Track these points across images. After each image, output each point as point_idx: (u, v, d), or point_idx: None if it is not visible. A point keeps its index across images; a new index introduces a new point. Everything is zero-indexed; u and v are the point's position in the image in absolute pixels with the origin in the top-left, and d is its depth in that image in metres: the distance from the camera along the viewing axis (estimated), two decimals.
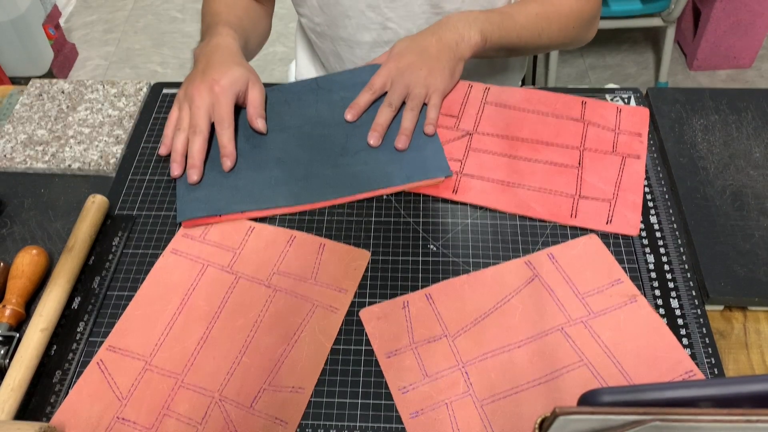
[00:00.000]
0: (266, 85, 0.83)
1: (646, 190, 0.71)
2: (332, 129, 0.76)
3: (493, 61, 0.94)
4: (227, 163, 0.71)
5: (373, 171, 0.71)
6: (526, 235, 0.67)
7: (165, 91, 0.84)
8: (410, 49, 0.77)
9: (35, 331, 0.58)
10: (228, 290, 0.64)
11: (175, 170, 0.71)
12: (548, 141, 0.75)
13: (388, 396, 0.57)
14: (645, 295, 0.62)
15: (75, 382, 0.58)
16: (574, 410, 0.34)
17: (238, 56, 0.75)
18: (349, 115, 0.76)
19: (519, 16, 0.81)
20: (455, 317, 0.61)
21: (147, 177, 0.74)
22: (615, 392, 0.37)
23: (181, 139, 0.72)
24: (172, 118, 0.74)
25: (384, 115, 0.75)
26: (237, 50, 0.77)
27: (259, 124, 0.73)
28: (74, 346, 0.61)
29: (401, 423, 0.55)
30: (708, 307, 0.62)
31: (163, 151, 0.74)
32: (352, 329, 0.61)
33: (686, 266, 0.64)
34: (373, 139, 0.73)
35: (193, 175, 0.70)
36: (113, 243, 0.68)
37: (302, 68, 1.04)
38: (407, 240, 0.67)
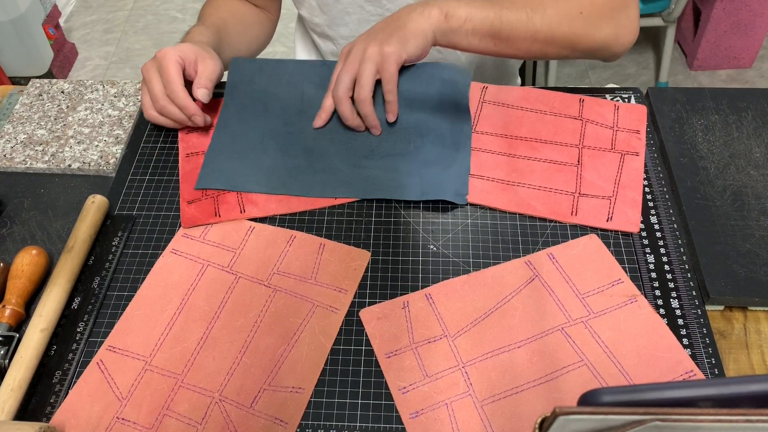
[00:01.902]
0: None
1: (647, 190, 0.71)
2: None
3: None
4: (197, 120, 0.74)
5: (391, 179, 0.71)
6: (526, 235, 0.67)
7: None
8: (361, 36, 0.73)
9: (35, 331, 0.58)
10: (228, 290, 0.64)
11: (197, 120, 0.74)
12: (547, 139, 0.75)
13: (388, 396, 0.57)
14: (645, 295, 0.62)
15: (75, 382, 0.58)
16: (574, 410, 0.34)
17: (196, 45, 0.76)
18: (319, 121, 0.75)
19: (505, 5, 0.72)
20: (455, 317, 0.61)
21: (147, 177, 0.74)
22: (615, 392, 0.37)
23: (153, 111, 0.74)
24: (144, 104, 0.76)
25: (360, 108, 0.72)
26: (198, 43, 0.77)
27: (199, 94, 0.73)
28: (74, 346, 0.61)
29: (401, 423, 0.55)
30: (708, 307, 0.62)
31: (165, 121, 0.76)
32: (352, 329, 0.61)
33: (686, 266, 0.64)
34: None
35: (199, 120, 0.74)
36: (113, 243, 0.68)
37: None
38: (407, 240, 0.67)
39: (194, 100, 0.74)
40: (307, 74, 0.80)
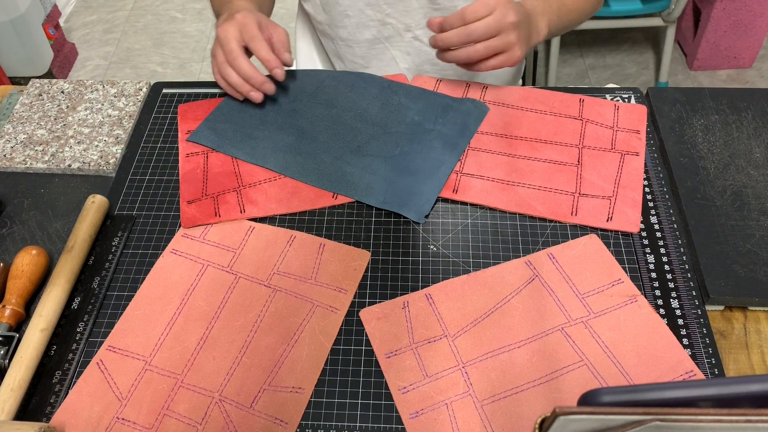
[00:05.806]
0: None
1: (647, 190, 0.71)
2: (368, 126, 0.76)
3: None
4: (278, 73, 0.74)
5: (361, 179, 0.71)
6: (526, 235, 0.67)
7: (165, 90, 0.84)
8: (515, 10, 0.72)
9: (35, 331, 0.58)
10: (228, 290, 0.64)
11: (255, 97, 0.75)
12: (547, 139, 0.75)
13: (388, 396, 0.57)
14: (645, 295, 0.62)
15: (75, 382, 0.58)
16: (574, 410, 0.34)
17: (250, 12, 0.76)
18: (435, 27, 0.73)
19: (567, 1, 0.83)
20: (455, 317, 0.61)
21: (147, 177, 0.74)
22: (615, 392, 0.37)
23: (230, 72, 0.74)
24: (214, 69, 0.77)
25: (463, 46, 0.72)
26: (255, 9, 0.78)
27: (286, 57, 0.74)
28: (74, 346, 0.61)
29: (401, 423, 0.55)
30: (708, 307, 0.62)
31: (240, 94, 0.76)
32: (352, 329, 0.61)
33: (686, 266, 0.64)
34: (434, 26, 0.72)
35: (257, 96, 0.75)
36: (113, 243, 0.68)
37: (302, 68, 1.04)
38: (407, 240, 0.67)
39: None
40: (336, 75, 0.82)
